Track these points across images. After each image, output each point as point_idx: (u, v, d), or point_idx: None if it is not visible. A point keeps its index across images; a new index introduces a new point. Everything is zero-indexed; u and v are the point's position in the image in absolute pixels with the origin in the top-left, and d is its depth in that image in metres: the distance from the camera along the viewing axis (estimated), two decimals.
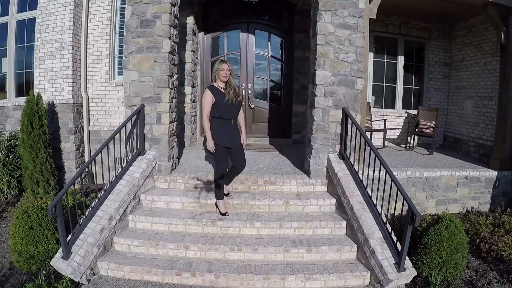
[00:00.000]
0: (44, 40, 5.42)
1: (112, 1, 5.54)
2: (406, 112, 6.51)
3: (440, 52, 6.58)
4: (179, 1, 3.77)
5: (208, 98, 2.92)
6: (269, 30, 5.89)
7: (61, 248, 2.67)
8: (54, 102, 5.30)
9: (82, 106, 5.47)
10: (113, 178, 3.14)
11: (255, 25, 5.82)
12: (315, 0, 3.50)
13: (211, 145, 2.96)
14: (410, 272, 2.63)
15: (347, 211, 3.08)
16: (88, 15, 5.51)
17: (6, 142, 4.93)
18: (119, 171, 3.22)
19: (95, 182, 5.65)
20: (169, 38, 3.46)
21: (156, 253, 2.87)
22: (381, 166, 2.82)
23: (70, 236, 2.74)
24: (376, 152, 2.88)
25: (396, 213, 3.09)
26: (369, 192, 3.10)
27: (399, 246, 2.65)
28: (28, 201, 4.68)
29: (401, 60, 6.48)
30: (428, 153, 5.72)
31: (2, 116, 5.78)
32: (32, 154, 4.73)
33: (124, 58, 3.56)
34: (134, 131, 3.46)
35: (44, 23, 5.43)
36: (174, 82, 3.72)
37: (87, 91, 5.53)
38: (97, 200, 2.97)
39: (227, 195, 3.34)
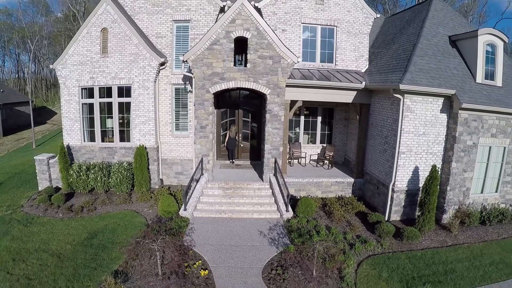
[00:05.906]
0: (137, 115, 12.28)
1: (171, 93, 12.46)
2: (322, 145, 13.84)
3: (342, 113, 13.88)
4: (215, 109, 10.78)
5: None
6: (249, 108, 13.00)
7: (183, 206, 9.69)
8: (146, 146, 12.18)
9: (158, 147, 12.41)
10: (195, 184, 10.16)
11: (243, 105, 12.92)
12: (264, 116, 10.61)
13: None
14: (291, 212, 9.90)
15: (274, 194, 10.27)
16: (159, 101, 12.39)
17: (126, 167, 11.80)
18: (196, 182, 10.23)
19: (163, 184, 12.70)
20: (212, 133, 10.48)
21: (211, 208, 9.98)
22: (285, 183, 9.98)
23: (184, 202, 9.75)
24: (283, 176, 10.05)
25: (301, 195, 10.34)
26: (282, 188, 10.28)
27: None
28: (138, 194, 11.61)
29: (319, 118, 13.72)
30: (327, 168, 13.02)
31: (112, 152, 12.62)
32: (140, 172, 11.67)
33: (194, 138, 10.57)
34: (199, 166, 10.46)
35: (137, 106, 12.27)
36: (213, 147, 10.75)
37: (160, 140, 12.46)
38: (191, 191, 9.99)
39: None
